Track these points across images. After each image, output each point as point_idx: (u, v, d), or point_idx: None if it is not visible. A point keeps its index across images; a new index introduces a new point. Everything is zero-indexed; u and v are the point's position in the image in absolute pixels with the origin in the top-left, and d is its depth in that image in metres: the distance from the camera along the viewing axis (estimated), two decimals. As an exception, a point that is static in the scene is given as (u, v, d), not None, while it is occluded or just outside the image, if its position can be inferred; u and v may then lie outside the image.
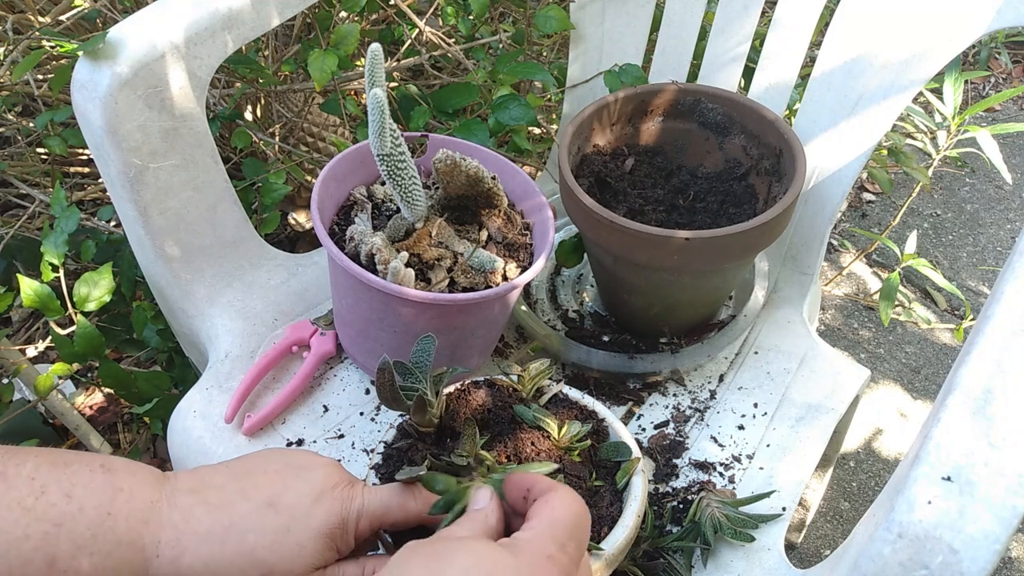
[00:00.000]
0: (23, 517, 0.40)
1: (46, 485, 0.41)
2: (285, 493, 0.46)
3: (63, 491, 0.41)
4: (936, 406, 0.47)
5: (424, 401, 0.54)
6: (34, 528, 0.40)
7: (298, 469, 0.48)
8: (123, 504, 0.43)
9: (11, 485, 0.40)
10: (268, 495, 0.45)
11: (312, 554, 0.45)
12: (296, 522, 0.45)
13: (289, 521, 0.45)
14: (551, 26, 0.95)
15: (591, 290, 0.92)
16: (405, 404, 0.54)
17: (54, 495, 0.41)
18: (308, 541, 0.45)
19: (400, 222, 0.72)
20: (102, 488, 0.43)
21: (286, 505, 0.45)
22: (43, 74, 1.16)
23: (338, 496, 0.47)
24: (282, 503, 0.45)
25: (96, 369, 1.15)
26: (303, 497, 0.46)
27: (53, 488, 0.41)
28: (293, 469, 0.48)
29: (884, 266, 1.65)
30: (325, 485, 0.47)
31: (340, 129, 1.42)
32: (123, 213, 0.78)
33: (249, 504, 0.45)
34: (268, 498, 0.45)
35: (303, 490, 0.46)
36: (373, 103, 0.62)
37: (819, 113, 0.84)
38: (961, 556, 0.41)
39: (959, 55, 0.79)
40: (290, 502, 0.45)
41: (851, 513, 1.22)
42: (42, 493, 0.41)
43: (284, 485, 0.46)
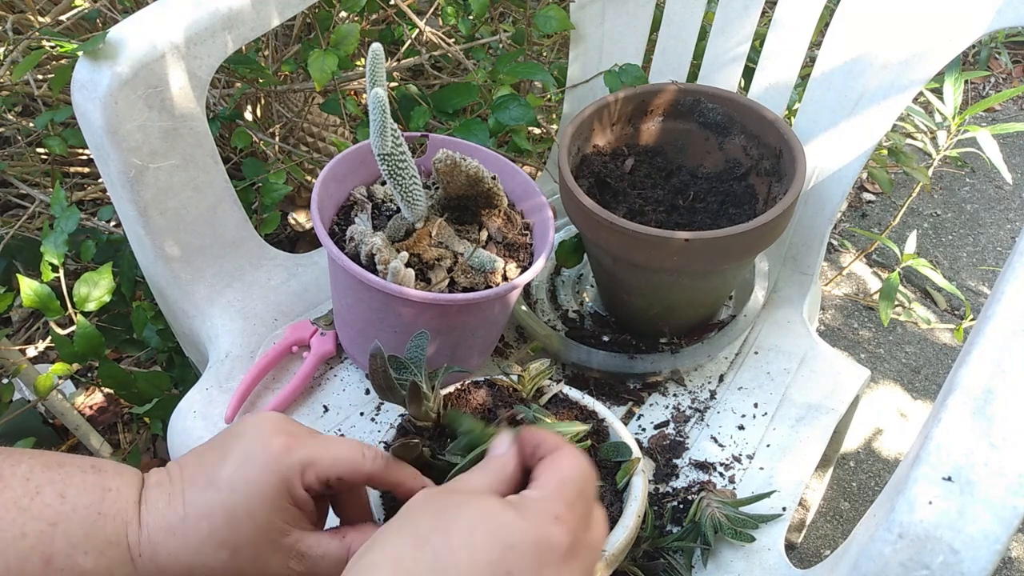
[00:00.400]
0: (19, 516, 0.40)
1: (41, 485, 0.42)
2: (222, 467, 0.45)
3: (57, 491, 0.42)
4: (936, 406, 0.47)
5: (418, 388, 0.54)
6: (30, 527, 0.40)
7: (234, 438, 0.46)
8: (111, 504, 0.43)
9: (7, 485, 0.41)
10: (208, 474, 0.45)
11: (266, 520, 0.44)
12: (236, 495, 0.44)
13: (229, 495, 0.44)
14: (551, 26, 0.95)
15: (591, 290, 0.92)
16: (399, 393, 0.54)
17: (48, 495, 0.42)
18: (255, 509, 0.44)
19: (400, 222, 0.72)
20: (92, 488, 0.43)
21: (225, 480, 0.44)
22: (43, 74, 1.16)
23: (273, 455, 0.45)
24: (220, 479, 0.44)
25: (96, 369, 1.15)
26: (238, 467, 0.45)
27: (47, 488, 0.42)
28: (231, 439, 0.47)
29: (884, 266, 1.65)
30: (257, 447, 0.45)
31: (340, 129, 1.42)
32: (123, 213, 0.78)
33: (194, 488, 0.45)
34: (208, 478, 0.45)
35: (237, 459, 0.45)
36: (374, 103, 0.62)
37: (819, 113, 0.84)
38: (962, 556, 0.41)
39: (959, 55, 0.79)
40: (227, 475, 0.44)
41: (851, 513, 1.22)
42: (37, 493, 0.41)
43: (222, 459, 0.45)
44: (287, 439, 0.46)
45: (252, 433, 0.46)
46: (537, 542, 0.37)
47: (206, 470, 0.45)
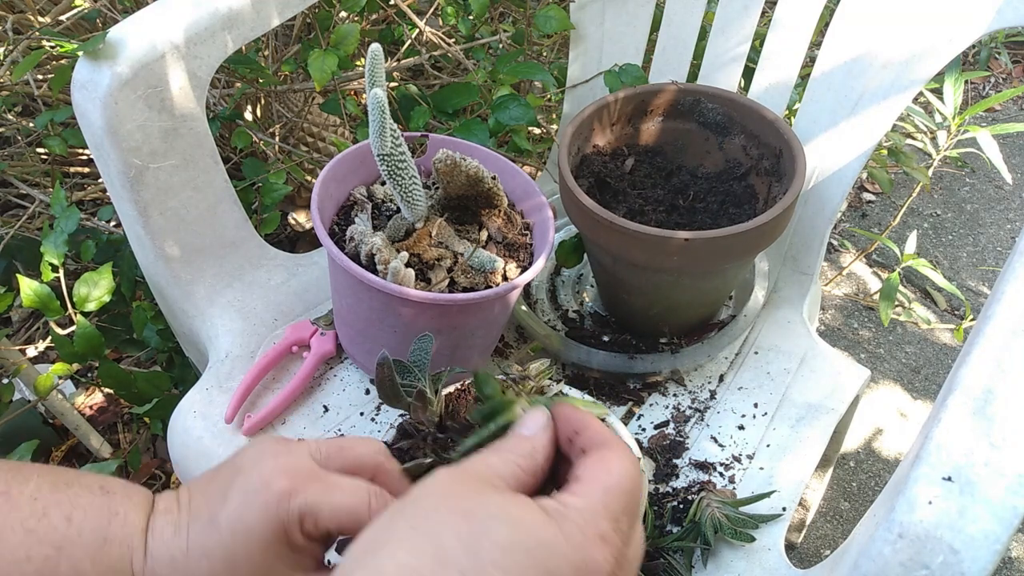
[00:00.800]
0: (26, 539, 0.40)
1: (48, 507, 0.41)
2: (223, 505, 0.43)
3: (64, 514, 0.41)
4: (936, 406, 0.47)
5: (425, 396, 0.54)
6: (36, 551, 0.40)
7: (236, 473, 0.44)
8: (118, 529, 0.42)
9: (14, 505, 0.40)
10: (210, 511, 0.43)
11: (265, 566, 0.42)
12: (235, 537, 0.42)
13: (229, 538, 0.42)
14: (551, 26, 0.95)
15: (591, 290, 0.92)
16: (406, 400, 0.54)
17: (55, 517, 0.41)
18: (254, 554, 0.42)
19: (400, 222, 0.72)
20: (99, 512, 0.42)
21: (225, 520, 0.42)
22: (43, 74, 1.16)
23: (272, 499, 0.42)
24: (221, 518, 0.43)
25: (96, 369, 1.15)
26: (237, 508, 0.43)
27: (54, 510, 0.41)
28: (233, 472, 0.45)
29: (884, 266, 1.65)
30: (257, 486, 0.43)
31: (340, 129, 1.42)
32: (123, 213, 0.78)
33: (198, 523, 0.43)
34: (210, 515, 0.43)
35: (237, 498, 0.43)
36: (373, 103, 0.62)
37: (819, 113, 0.84)
38: (962, 556, 0.41)
39: (959, 55, 0.79)
40: (227, 516, 0.43)
41: (851, 513, 1.22)
42: (44, 515, 0.40)
43: (223, 496, 0.43)
44: (288, 483, 0.43)
45: (254, 470, 0.44)
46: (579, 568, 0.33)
47: (209, 505, 0.44)
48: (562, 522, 0.33)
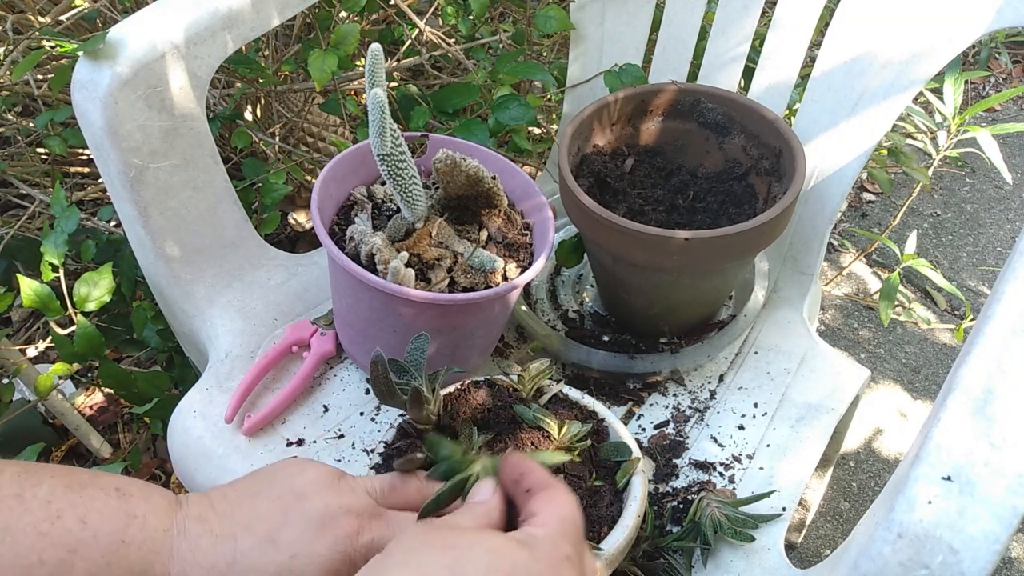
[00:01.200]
0: (38, 542, 0.39)
1: (62, 510, 0.40)
2: (285, 527, 0.44)
3: (78, 516, 0.41)
4: (936, 406, 0.47)
5: (420, 394, 0.54)
6: (49, 554, 0.39)
7: (298, 498, 0.45)
8: (136, 532, 0.42)
9: (27, 508, 0.40)
10: (268, 528, 0.44)
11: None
12: (296, 560, 0.43)
13: (289, 560, 0.43)
14: (551, 26, 0.95)
15: (591, 290, 0.92)
16: (400, 398, 0.54)
17: (69, 520, 0.40)
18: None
19: (400, 222, 0.72)
20: (116, 514, 0.42)
21: (287, 541, 0.43)
22: (43, 74, 1.16)
23: (343, 531, 0.44)
24: (283, 539, 0.43)
25: (96, 369, 1.15)
26: (303, 532, 0.44)
27: (68, 513, 0.40)
28: (293, 497, 0.45)
29: (884, 266, 1.65)
30: (325, 517, 0.44)
31: (340, 129, 1.42)
32: (123, 213, 0.78)
33: (251, 539, 0.43)
34: (268, 532, 0.43)
35: (302, 524, 0.44)
36: (374, 103, 0.62)
37: (819, 113, 0.84)
38: (961, 556, 0.41)
39: (959, 55, 0.79)
40: (291, 538, 0.43)
41: (851, 513, 1.22)
42: (58, 518, 0.40)
43: (284, 517, 0.44)
44: (356, 523, 0.45)
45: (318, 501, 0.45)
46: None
47: (267, 524, 0.44)
48: (532, 548, 0.38)
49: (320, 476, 0.46)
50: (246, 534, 0.43)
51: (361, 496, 0.47)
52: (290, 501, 0.45)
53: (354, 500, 0.46)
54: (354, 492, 0.47)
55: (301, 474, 0.47)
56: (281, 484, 0.46)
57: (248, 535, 0.43)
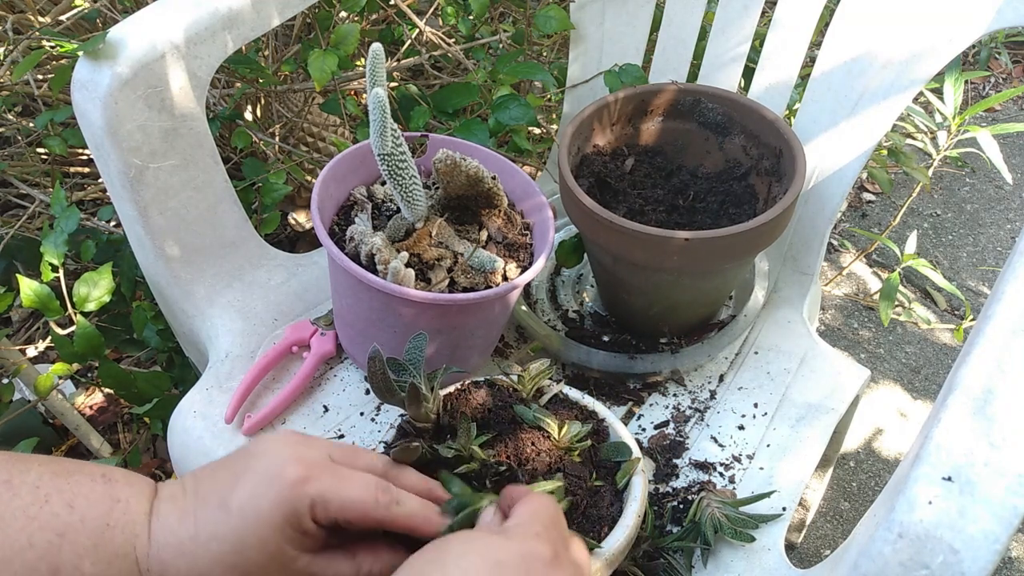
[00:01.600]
0: (28, 525, 0.40)
1: (49, 495, 0.41)
2: (235, 491, 0.44)
3: (65, 501, 0.42)
4: (936, 406, 0.47)
5: (418, 391, 0.54)
6: (38, 537, 0.40)
7: (249, 458, 0.46)
8: (120, 516, 0.43)
9: (16, 493, 0.41)
10: (220, 496, 0.44)
11: (276, 548, 0.44)
12: (246, 521, 0.43)
13: (240, 521, 0.43)
14: (551, 26, 0.95)
15: (591, 290, 0.92)
16: (399, 395, 0.54)
17: (57, 505, 0.41)
18: (265, 536, 0.43)
19: (400, 222, 0.72)
20: (101, 499, 0.43)
21: (236, 505, 0.44)
22: (43, 74, 1.16)
23: (286, 485, 0.44)
24: (232, 503, 0.44)
25: (96, 369, 1.15)
26: (249, 493, 0.44)
27: (56, 497, 0.41)
28: (246, 458, 0.46)
29: (884, 266, 1.65)
30: (272, 473, 0.44)
31: (340, 129, 1.42)
32: (123, 213, 0.78)
33: (206, 509, 0.44)
34: (220, 499, 0.44)
35: (249, 485, 0.44)
36: (374, 103, 0.62)
37: (819, 113, 0.84)
38: (962, 556, 0.41)
39: (959, 55, 0.79)
40: (239, 500, 0.44)
41: (851, 513, 1.22)
42: (46, 502, 0.41)
43: (235, 481, 0.45)
44: (303, 470, 0.45)
45: (269, 457, 0.45)
46: (523, 554, 0.41)
47: (219, 490, 0.44)
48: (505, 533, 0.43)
49: (280, 437, 0.47)
50: (203, 506, 0.44)
51: (316, 450, 0.47)
52: (244, 463, 0.45)
53: (304, 450, 0.46)
54: (309, 446, 0.47)
55: (262, 438, 0.47)
56: (242, 452, 0.47)
57: (204, 506, 0.44)
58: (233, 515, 0.43)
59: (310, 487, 0.44)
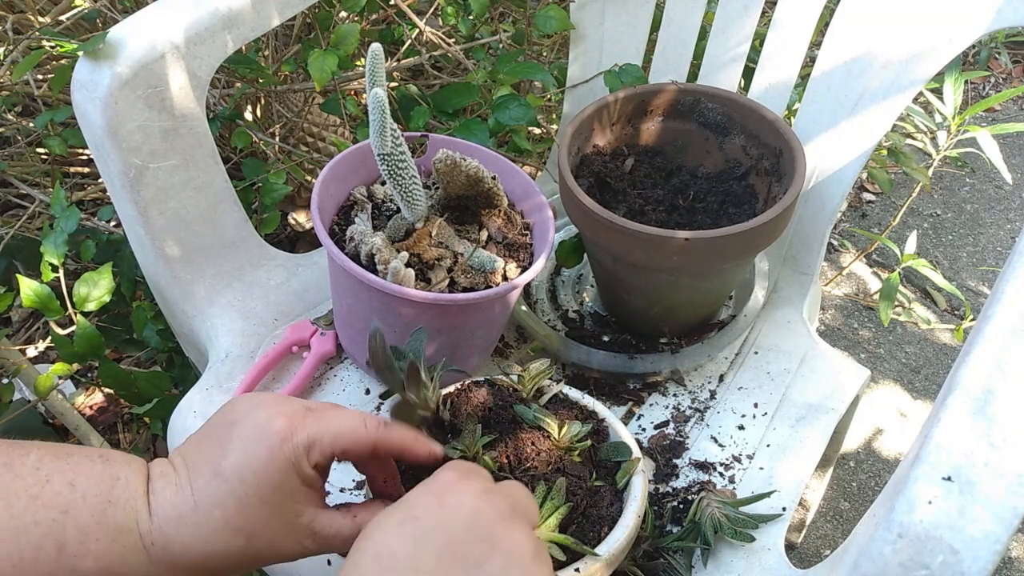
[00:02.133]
0: (31, 504, 0.41)
1: (50, 474, 0.42)
2: (226, 456, 0.45)
3: (66, 480, 0.42)
4: (936, 406, 0.47)
5: (417, 369, 0.54)
6: (42, 515, 0.41)
7: (229, 425, 0.46)
8: (120, 492, 0.44)
9: (17, 474, 0.41)
10: (212, 465, 0.45)
11: (279, 505, 0.45)
12: (245, 484, 0.44)
13: (239, 485, 0.44)
14: (551, 26, 0.95)
15: (591, 290, 0.92)
16: (398, 375, 0.54)
17: (58, 484, 0.42)
18: (266, 495, 0.44)
19: (400, 222, 0.72)
20: (101, 477, 0.44)
21: (230, 470, 0.44)
22: (43, 74, 1.16)
23: (276, 440, 0.45)
24: (225, 469, 0.44)
25: (96, 369, 1.15)
26: (242, 456, 0.45)
27: (57, 477, 0.42)
28: (226, 426, 0.47)
29: (884, 266, 1.65)
30: (257, 433, 0.45)
31: (340, 129, 1.42)
32: (123, 213, 0.78)
33: (200, 479, 0.45)
34: (213, 468, 0.45)
35: (239, 447, 0.45)
36: (374, 103, 0.62)
37: (819, 113, 0.84)
38: (962, 556, 0.41)
39: (959, 55, 0.79)
40: (232, 464, 0.45)
41: (851, 513, 1.22)
42: (47, 482, 0.42)
43: (223, 448, 0.45)
44: (286, 421, 0.46)
45: (249, 419, 0.46)
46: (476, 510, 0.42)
47: (209, 460, 0.45)
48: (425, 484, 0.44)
49: (252, 399, 0.48)
50: (196, 475, 0.45)
51: (292, 401, 0.48)
52: (225, 430, 0.46)
53: (283, 405, 0.47)
54: (285, 401, 0.48)
55: (235, 404, 0.48)
56: (221, 418, 0.48)
57: (197, 476, 0.45)
58: (231, 480, 0.44)
59: (299, 434, 0.46)
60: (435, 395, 0.58)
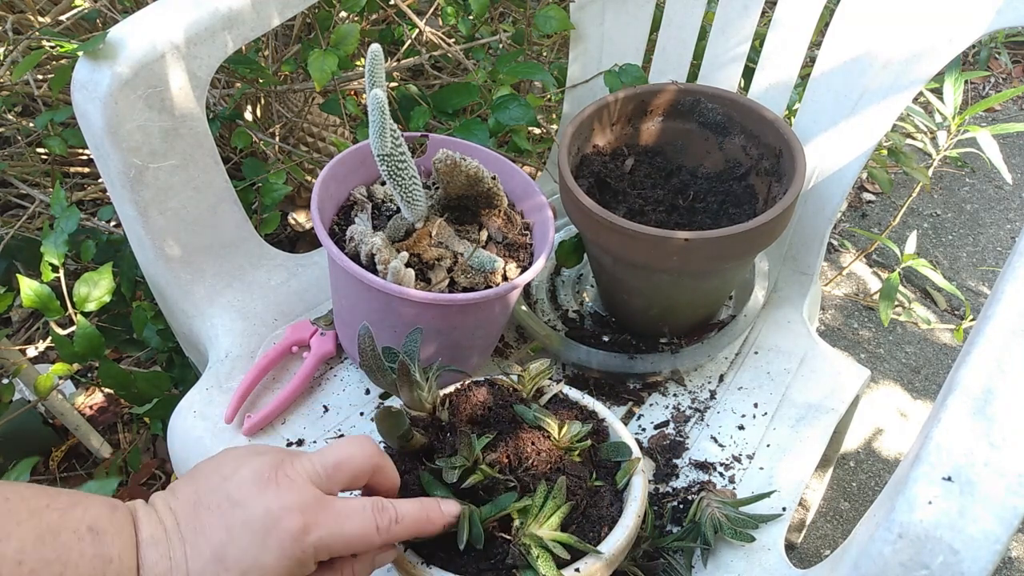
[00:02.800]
0: None
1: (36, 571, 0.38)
2: (230, 543, 0.42)
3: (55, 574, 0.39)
4: (936, 406, 0.47)
5: (408, 369, 0.54)
6: None
7: (235, 506, 0.44)
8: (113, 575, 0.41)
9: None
10: (214, 547, 0.42)
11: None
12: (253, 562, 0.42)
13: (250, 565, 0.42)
14: (551, 26, 0.95)
15: (591, 290, 0.92)
16: (390, 375, 0.54)
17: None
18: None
19: (400, 222, 0.72)
20: (92, 563, 0.40)
21: (234, 558, 0.42)
22: (43, 74, 1.16)
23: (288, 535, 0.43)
24: (229, 556, 0.42)
25: (96, 369, 1.15)
26: (249, 545, 0.43)
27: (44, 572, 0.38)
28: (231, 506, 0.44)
29: (884, 266, 1.65)
30: (267, 523, 0.43)
31: (340, 129, 1.42)
32: (123, 213, 0.78)
33: (200, 560, 0.42)
34: (214, 551, 0.42)
35: (246, 536, 0.43)
36: (373, 103, 0.62)
37: (819, 113, 0.84)
38: (962, 556, 0.41)
39: (959, 55, 0.79)
40: (237, 554, 0.42)
41: (851, 513, 1.22)
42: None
43: (227, 532, 0.43)
44: (300, 520, 0.43)
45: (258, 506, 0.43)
46: None
47: (210, 541, 0.43)
48: None
49: (254, 474, 0.45)
50: (195, 555, 0.42)
51: (303, 488, 0.45)
52: (229, 511, 0.43)
53: (294, 496, 0.44)
54: (293, 484, 0.45)
55: (235, 475, 0.45)
56: (218, 490, 0.45)
57: (197, 556, 0.42)
58: (232, 571, 0.42)
59: (312, 536, 0.43)
60: (431, 395, 0.58)
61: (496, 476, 0.55)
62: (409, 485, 0.56)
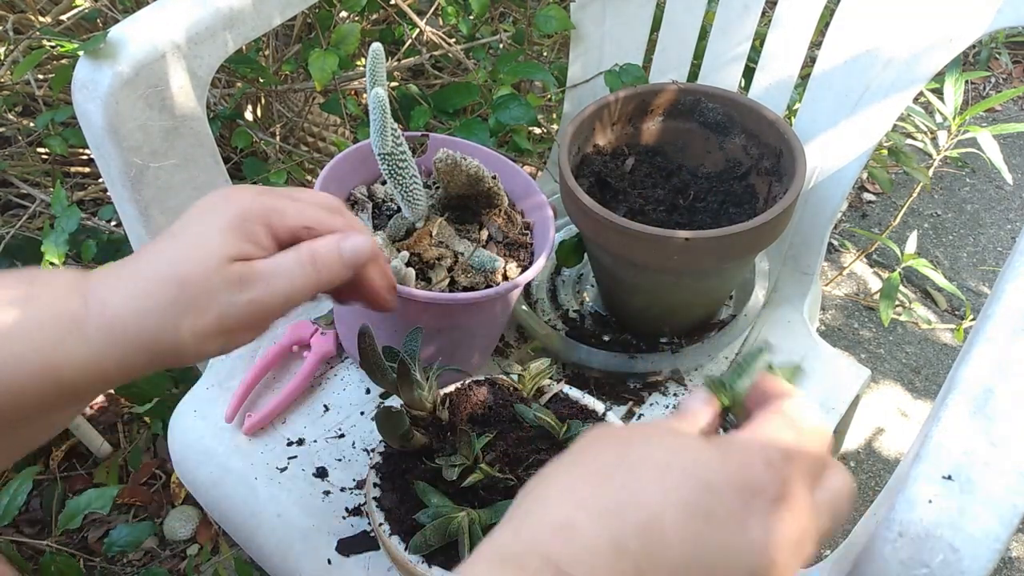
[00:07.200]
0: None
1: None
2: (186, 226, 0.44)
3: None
4: (936, 406, 0.47)
5: (408, 368, 0.54)
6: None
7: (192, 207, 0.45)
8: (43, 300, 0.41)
9: None
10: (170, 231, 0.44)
11: (219, 243, 0.42)
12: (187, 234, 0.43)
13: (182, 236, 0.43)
14: (551, 26, 0.95)
15: (591, 290, 0.92)
16: (390, 375, 0.54)
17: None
18: (211, 232, 0.42)
19: (401, 222, 0.72)
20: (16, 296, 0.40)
21: (184, 223, 0.44)
22: (43, 74, 1.16)
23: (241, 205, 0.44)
24: (179, 226, 0.44)
25: (96, 369, 1.14)
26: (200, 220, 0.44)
27: None
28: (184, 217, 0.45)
29: (884, 266, 1.65)
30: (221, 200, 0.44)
31: (340, 129, 1.42)
32: (124, 213, 0.78)
33: (154, 244, 0.43)
34: (170, 231, 0.44)
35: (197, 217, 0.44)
36: (375, 102, 0.62)
37: (819, 113, 0.84)
38: (962, 555, 0.41)
39: (959, 55, 0.79)
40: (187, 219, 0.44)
41: (851, 513, 1.22)
42: None
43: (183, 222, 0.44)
44: (252, 192, 0.45)
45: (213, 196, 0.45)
46: (741, 487, 0.32)
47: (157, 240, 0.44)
48: (724, 446, 0.33)
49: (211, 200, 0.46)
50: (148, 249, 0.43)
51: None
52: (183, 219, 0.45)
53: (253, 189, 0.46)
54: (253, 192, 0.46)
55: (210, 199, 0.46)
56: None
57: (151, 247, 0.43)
58: (176, 235, 0.43)
59: (264, 200, 0.45)
60: (431, 395, 0.58)
61: (496, 475, 0.55)
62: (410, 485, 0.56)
